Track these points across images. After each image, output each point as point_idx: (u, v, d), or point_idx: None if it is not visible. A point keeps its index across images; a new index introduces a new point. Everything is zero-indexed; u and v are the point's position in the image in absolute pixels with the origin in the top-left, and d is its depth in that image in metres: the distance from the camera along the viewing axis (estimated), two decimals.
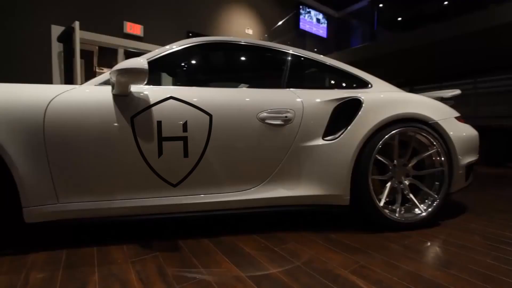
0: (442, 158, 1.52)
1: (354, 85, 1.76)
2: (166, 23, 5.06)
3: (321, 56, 1.79)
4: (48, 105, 1.14)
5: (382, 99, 1.50)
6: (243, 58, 1.85)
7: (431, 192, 1.52)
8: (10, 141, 1.08)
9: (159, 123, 1.24)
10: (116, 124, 1.20)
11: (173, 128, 1.26)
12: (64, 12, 3.98)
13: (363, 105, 1.44)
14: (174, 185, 1.28)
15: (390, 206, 1.50)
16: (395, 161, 1.51)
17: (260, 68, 1.91)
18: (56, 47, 3.93)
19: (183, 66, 1.75)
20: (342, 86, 1.82)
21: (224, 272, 1.03)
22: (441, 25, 4.72)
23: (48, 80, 3.89)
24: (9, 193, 1.11)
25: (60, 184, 1.16)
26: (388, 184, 1.49)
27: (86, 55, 4.90)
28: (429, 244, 1.31)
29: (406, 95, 1.61)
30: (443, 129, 1.53)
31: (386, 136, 1.42)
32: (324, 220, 1.64)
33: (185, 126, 1.27)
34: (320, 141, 1.43)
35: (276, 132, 1.39)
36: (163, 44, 1.72)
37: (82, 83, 1.33)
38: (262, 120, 1.37)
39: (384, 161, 1.47)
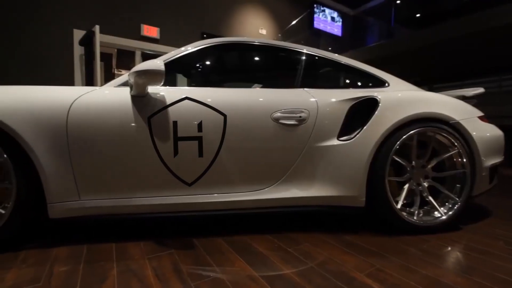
0: (464, 160, 1.46)
1: (370, 84, 1.72)
2: (181, 25, 5.15)
3: (336, 55, 1.77)
4: (70, 106, 1.20)
5: (400, 98, 1.46)
6: (256, 58, 1.86)
7: (452, 195, 1.47)
8: (37, 141, 1.14)
9: (175, 123, 1.27)
10: (134, 124, 1.24)
11: (188, 128, 1.28)
12: (85, 17, 4.15)
13: (380, 104, 1.41)
14: (189, 184, 1.30)
15: (407, 209, 1.45)
16: (413, 162, 1.46)
17: (274, 68, 1.91)
18: (78, 51, 4.10)
19: (198, 67, 1.78)
20: (358, 85, 1.78)
21: (238, 271, 1.04)
22: (462, 20, 4.52)
23: (71, 82, 4.06)
24: (35, 190, 1.17)
25: (81, 182, 1.21)
26: (406, 186, 1.45)
27: (106, 57, 5.08)
28: (449, 249, 1.26)
29: (425, 94, 1.55)
30: (465, 129, 1.47)
31: (404, 137, 1.38)
32: (338, 221, 1.61)
33: (200, 126, 1.29)
34: (335, 141, 1.41)
35: (290, 132, 1.38)
36: (178, 45, 1.76)
37: (101, 85, 1.38)
38: (276, 120, 1.37)
39: (402, 162, 1.43)
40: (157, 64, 1.18)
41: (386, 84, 1.71)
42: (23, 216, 1.17)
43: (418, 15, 6.83)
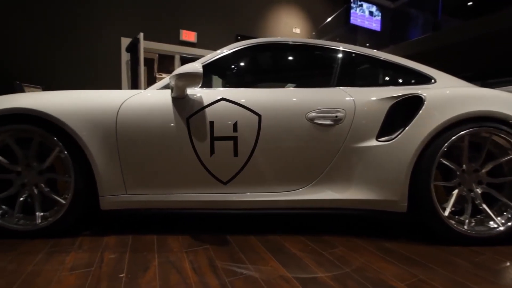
0: None
1: (413, 81, 1.61)
2: (217, 28, 5.32)
3: (375, 51, 1.68)
4: (119, 108, 1.31)
5: (448, 95, 1.34)
6: (290, 58, 1.84)
7: (511, 204, 1.31)
8: (91, 140, 1.27)
9: (212, 123, 1.31)
10: (174, 124, 1.31)
11: (224, 128, 1.32)
12: (131, 26, 4.49)
13: (425, 102, 1.31)
14: (225, 183, 1.34)
15: (457, 217, 1.33)
16: (464, 165, 1.33)
17: (309, 67, 1.88)
18: (125, 57, 4.46)
19: (233, 68, 1.82)
20: (399, 82, 1.67)
21: (271, 270, 1.05)
22: None
23: (118, 85, 4.44)
24: (89, 184, 1.30)
25: (128, 177, 1.32)
26: (455, 192, 1.33)
27: (148, 62, 5.44)
28: (507, 264, 1.13)
29: (478, 90, 1.40)
30: None
31: (453, 138, 1.26)
32: (376, 226, 1.54)
33: (235, 126, 1.32)
34: (373, 142, 1.34)
35: (326, 132, 1.35)
36: (214, 48, 1.82)
37: (145, 88, 1.48)
38: (311, 120, 1.35)
39: (451, 166, 1.31)
40: (196, 67, 1.23)
41: (432, 81, 1.58)
42: (80, 206, 1.31)
43: (470, 3, 6.18)
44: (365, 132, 1.36)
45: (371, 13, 7.47)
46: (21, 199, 1.31)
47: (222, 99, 1.35)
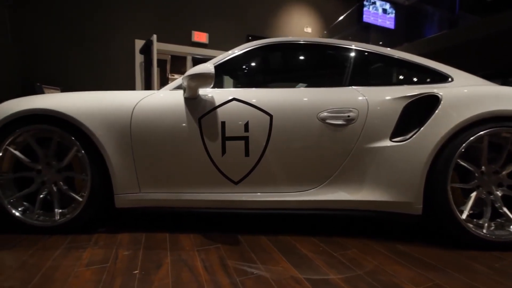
0: None
1: (429, 80, 1.56)
2: (228, 29, 5.35)
3: (388, 49, 1.64)
4: (133, 108, 1.34)
5: (466, 94, 1.30)
6: (302, 57, 1.83)
7: None
8: (107, 139, 1.30)
9: (223, 123, 1.32)
10: (186, 124, 1.33)
11: (236, 128, 1.32)
12: (145, 28, 4.59)
13: (442, 101, 1.27)
14: (236, 183, 1.35)
15: (475, 220, 1.28)
16: (483, 167, 1.28)
17: (320, 67, 1.86)
18: (139, 58, 4.56)
19: (244, 68, 1.82)
20: (414, 81, 1.63)
21: (282, 271, 1.04)
22: None
23: (132, 86, 4.54)
24: (104, 182, 1.34)
25: (141, 176, 1.35)
26: (473, 194, 1.28)
27: (161, 63, 5.54)
28: None
29: (498, 89, 1.35)
30: None
31: (472, 138, 1.22)
32: (389, 228, 1.50)
33: (246, 126, 1.32)
34: (387, 143, 1.32)
35: (338, 133, 1.34)
36: (225, 49, 1.83)
37: (158, 89, 1.51)
38: (323, 120, 1.34)
39: (469, 167, 1.27)
40: (208, 67, 1.25)
41: (449, 79, 1.53)
42: (96, 204, 1.35)
43: None
44: (379, 132, 1.33)
45: (384, 10, 7.31)
46: (41, 196, 1.36)
47: (234, 99, 1.36)
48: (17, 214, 1.33)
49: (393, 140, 1.32)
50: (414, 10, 7.37)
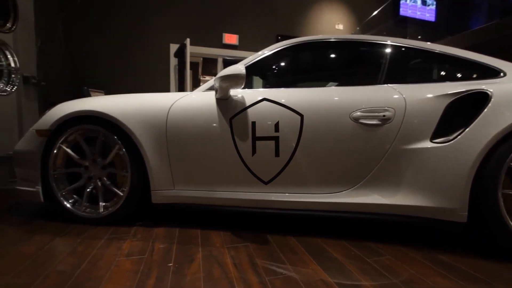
0: None
1: (475, 75, 1.43)
2: (258, 30, 5.38)
3: (428, 43, 1.53)
4: (169, 109, 1.41)
5: None
6: (333, 56, 1.78)
7: None
8: (145, 139, 1.39)
9: (254, 123, 1.34)
10: (218, 124, 1.37)
11: (266, 128, 1.33)
12: (179, 32, 4.80)
13: (492, 99, 1.15)
14: (266, 183, 1.36)
15: None
16: None
17: (353, 64, 1.79)
18: (173, 62, 4.79)
19: (274, 68, 1.82)
20: (458, 77, 1.50)
21: (311, 273, 1.03)
22: None
23: (167, 88, 4.78)
24: (142, 179, 1.43)
25: (176, 174, 1.41)
26: None
27: (193, 66, 5.75)
28: None
29: None
30: None
31: None
32: (426, 235, 1.40)
33: (277, 126, 1.32)
34: (427, 144, 1.23)
35: (372, 133, 1.28)
36: (255, 49, 1.84)
37: (190, 90, 1.57)
38: (356, 119, 1.29)
39: None
40: (239, 68, 1.27)
41: (501, 74, 1.39)
42: (135, 199, 1.45)
43: None
44: (418, 133, 1.25)
45: (424, 2, 6.81)
46: (88, 190, 1.49)
47: (264, 99, 1.36)
48: (68, 205, 1.47)
49: (434, 141, 1.23)
50: (457, 1, 6.77)
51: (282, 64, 1.80)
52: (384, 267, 1.09)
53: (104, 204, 1.48)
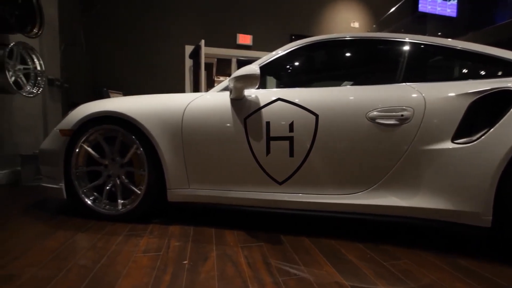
0: None
1: (501, 73, 1.36)
2: (271, 30, 5.37)
3: (449, 40, 1.47)
4: (184, 110, 1.44)
5: None
6: (348, 54, 1.75)
7: None
8: (162, 139, 1.42)
9: (268, 123, 1.34)
10: (232, 124, 1.38)
11: (280, 128, 1.33)
12: (193, 34, 4.88)
13: None
14: (280, 183, 1.35)
15: None
16: None
17: (369, 63, 1.75)
18: (188, 63, 4.88)
19: (288, 68, 1.81)
20: (481, 75, 1.44)
21: (325, 275, 1.02)
22: None
23: (182, 89, 4.88)
24: (159, 178, 1.46)
25: (191, 173, 1.44)
26: None
27: (208, 66, 5.83)
28: None
29: None
30: None
31: None
32: (448, 240, 1.35)
33: (291, 126, 1.32)
34: (448, 144, 1.18)
35: (389, 133, 1.25)
36: (269, 49, 1.84)
37: (205, 90, 1.59)
38: (372, 119, 1.26)
39: None
40: (253, 69, 1.27)
41: None
42: (152, 197, 1.48)
43: None
44: (438, 133, 1.21)
45: None
46: (107, 187, 1.55)
47: (279, 99, 1.36)
48: (88, 202, 1.53)
49: (456, 141, 1.18)
50: None
51: (296, 63, 1.79)
52: (401, 271, 1.06)
53: (122, 201, 1.53)
